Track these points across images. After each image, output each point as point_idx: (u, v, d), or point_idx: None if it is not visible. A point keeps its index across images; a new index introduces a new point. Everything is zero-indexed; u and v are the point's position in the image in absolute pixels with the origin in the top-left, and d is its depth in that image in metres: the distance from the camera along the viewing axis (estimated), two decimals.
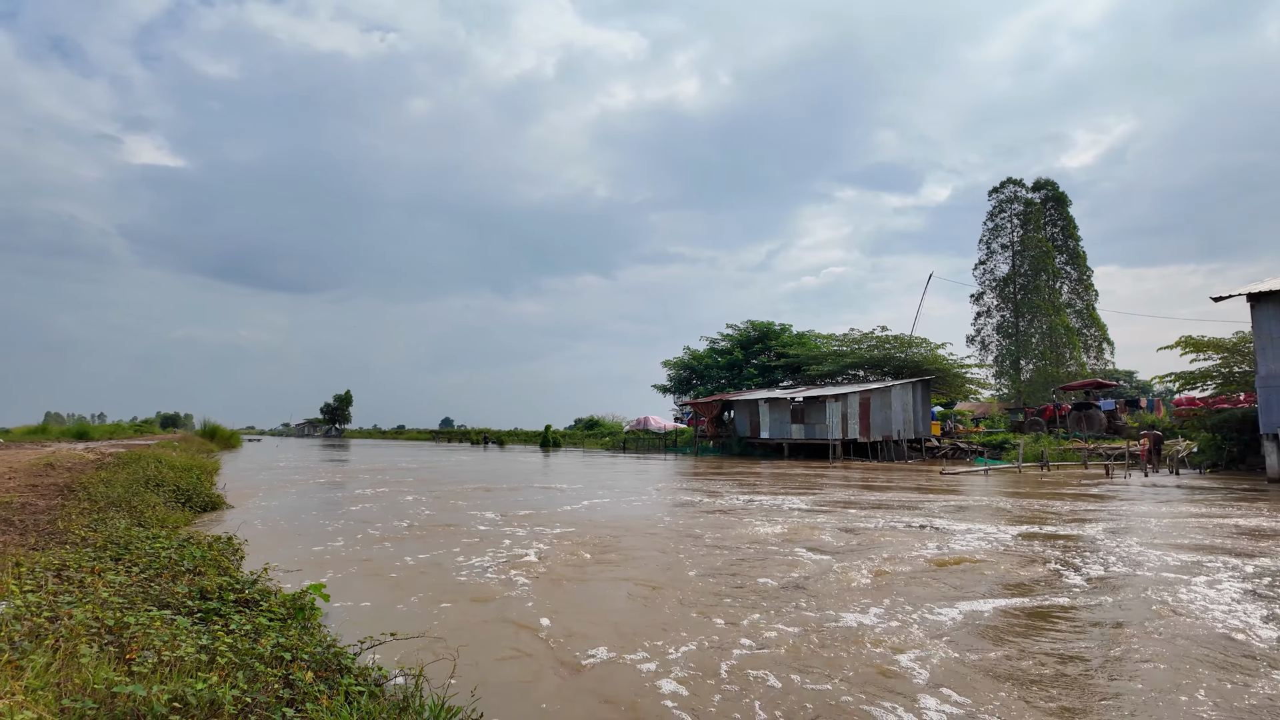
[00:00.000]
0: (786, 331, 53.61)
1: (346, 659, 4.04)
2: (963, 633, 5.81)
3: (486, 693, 4.29)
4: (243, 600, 5.08)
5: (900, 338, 45.80)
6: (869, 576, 7.88)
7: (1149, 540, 10.48)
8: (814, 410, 37.26)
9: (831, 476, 24.26)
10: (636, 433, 57.89)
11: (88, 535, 7.10)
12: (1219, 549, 9.73)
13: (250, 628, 4.24)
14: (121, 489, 11.70)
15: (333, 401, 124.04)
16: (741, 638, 5.66)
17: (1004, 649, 5.37)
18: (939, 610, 6.44)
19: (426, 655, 4.64)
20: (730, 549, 9.84)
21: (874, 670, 4.90)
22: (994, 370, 53.50)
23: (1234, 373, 28.27)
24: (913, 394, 39.20)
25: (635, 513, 14.20)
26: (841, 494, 17.95)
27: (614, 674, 4.93)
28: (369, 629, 4.88)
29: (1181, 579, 7.79)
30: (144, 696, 2.94)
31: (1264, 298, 21.01)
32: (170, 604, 4.68)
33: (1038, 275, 52.06)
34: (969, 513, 14.01)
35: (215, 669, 3.46)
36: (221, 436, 50.05)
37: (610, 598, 7.16)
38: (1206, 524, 12.16)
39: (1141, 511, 14.12)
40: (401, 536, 11.19)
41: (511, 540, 10.75)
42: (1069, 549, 9.76)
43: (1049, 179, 55.58)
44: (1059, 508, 14.67)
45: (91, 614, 3.95)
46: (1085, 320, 53.49)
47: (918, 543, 10.21)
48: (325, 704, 3.33)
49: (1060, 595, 7.08)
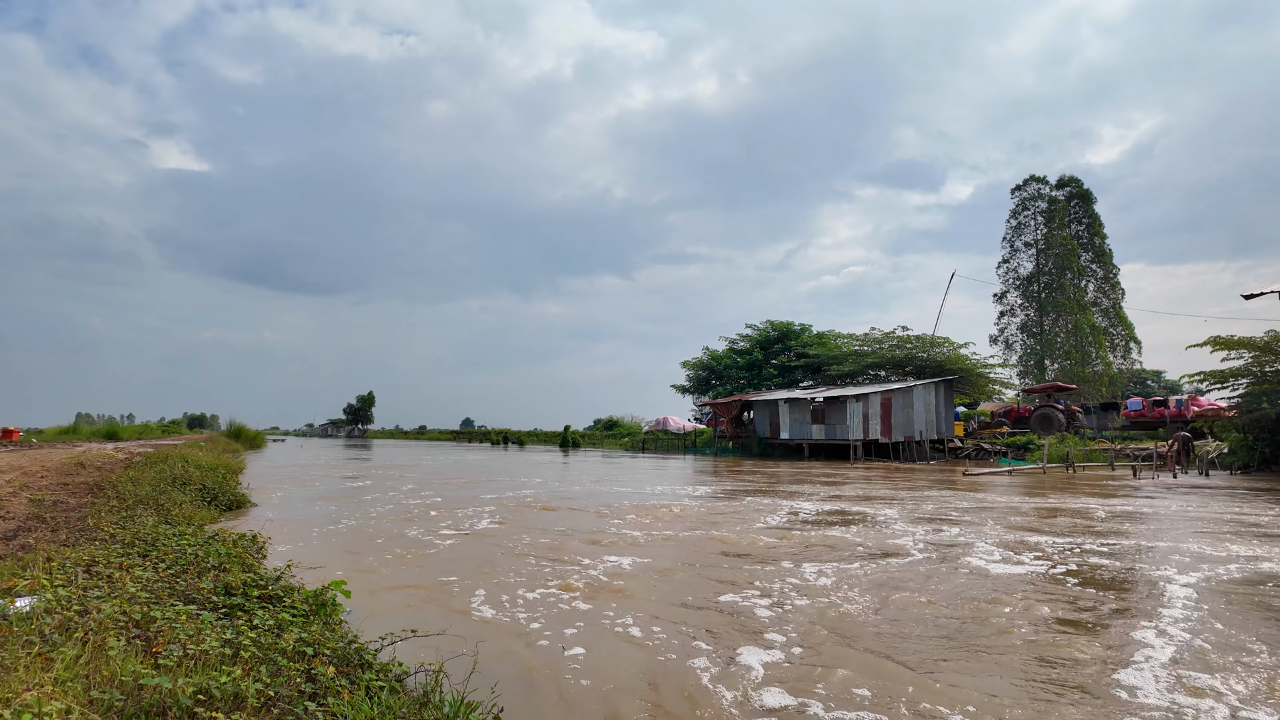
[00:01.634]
0: (806, 331, 53.30)
1: (368, 655, 4.08)
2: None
3: (505, 689, 4.31)
4: (266, 596, 5.14)
5: (922, 337, 45.36)
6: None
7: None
8: (834, 410, 37.02)
9: (852, 478, 24.08)
10: (655, 433, 57.89)
11: (116, 532, 7.22)
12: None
13: (273, 623, 4.29)
14: (149, 487, 11.91)
15: (355, 402, 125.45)
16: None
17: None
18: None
19: (447, 652, 4.66)
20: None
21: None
22: (1018, 370, 52.81)
23: (1266, 372, 27.65)
24: (935, 394, 38.80)
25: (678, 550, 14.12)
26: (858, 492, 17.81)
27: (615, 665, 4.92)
28: (390, 626, 4.92)
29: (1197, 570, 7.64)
30: (170, 689, 2.98)
31: None
32: (196, 599, 4.75)
33: (1062, 273, 51.30)
34: (991, 514, 13.83)
35: (239, 663, 3.50)
36: (247, 437, 50.78)
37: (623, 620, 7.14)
38: (1240, 521, 11.91)
39: (1173, 511, 13.87)
40: (421, 536, 11.28)
41: (534, 546, 10.79)
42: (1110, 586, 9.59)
43: (1073, 176, 54.85)
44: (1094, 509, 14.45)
45: (119, 608, 4.02)
46: (1112, 319, 52.64)
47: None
48: (347, 698, 3.36)
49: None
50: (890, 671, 4.99)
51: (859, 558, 9.25)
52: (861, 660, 5.22)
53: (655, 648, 5.57)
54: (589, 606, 6.76)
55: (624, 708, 4.41)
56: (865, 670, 5.01)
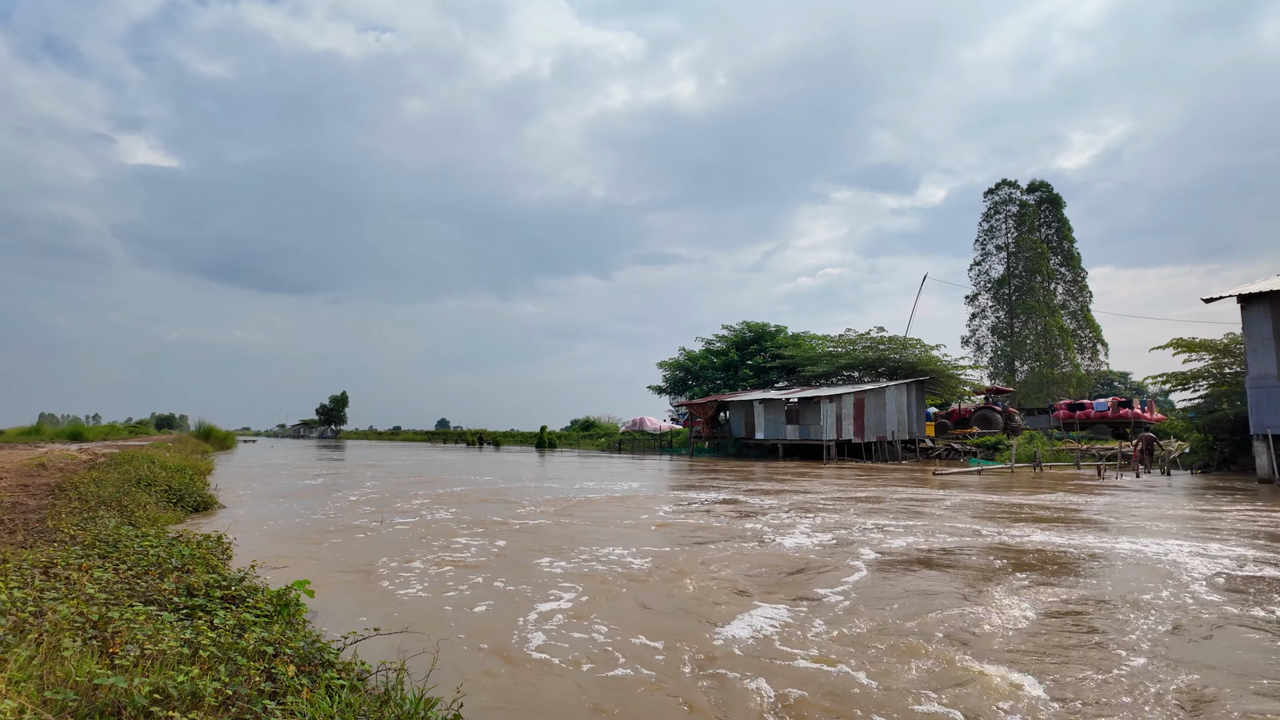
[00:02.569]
0: (782, 332, 53.73)
1: (330, 654, 4.08)
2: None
3: (468, 684, 4.34)
4: (229, 597, 5.11)
5: (895, 339, 45.95)
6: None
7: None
8: (809, 411, 37.36)
9: (825, 476, 24.34)
10: (632, 434, 57.94)
11: (77, 533, 7.11)
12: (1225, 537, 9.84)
13: (234, 623, 4.28)
14: (113, 488, 11.71)
15: (328, 403, 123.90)
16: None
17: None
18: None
19: (410, 649, 4.67)
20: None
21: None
22: (989, 371, 53.72)
23: (1225, 373, 28.42)
24: (907, 395, 39.33)
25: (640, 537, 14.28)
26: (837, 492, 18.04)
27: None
28: (354, 624, 4.92)
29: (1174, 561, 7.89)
30: (125, 688, 2.97)
31: (1254, 299, 21.16)
32: (156, 600, 4.71)
33: (1032, 277, 52.30)
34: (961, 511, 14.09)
35: (198, 662, 3.49)
36: (216, 437, 49.95)
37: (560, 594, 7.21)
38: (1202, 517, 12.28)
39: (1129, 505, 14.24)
40: (388, 534, 11.23)
41: (500, 537, 10.81)
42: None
43: (1043, 180, 56.01)
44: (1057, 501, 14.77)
45: (76, 609, 3.97)
46: (1080, 321, 53.77)
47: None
48: (306, 696, 3.36)
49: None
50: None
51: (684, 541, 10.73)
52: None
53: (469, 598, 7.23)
54: (452, 573, 8.40)
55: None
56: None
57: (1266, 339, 20.93)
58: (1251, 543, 10.23)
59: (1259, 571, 8.19)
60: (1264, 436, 20.73)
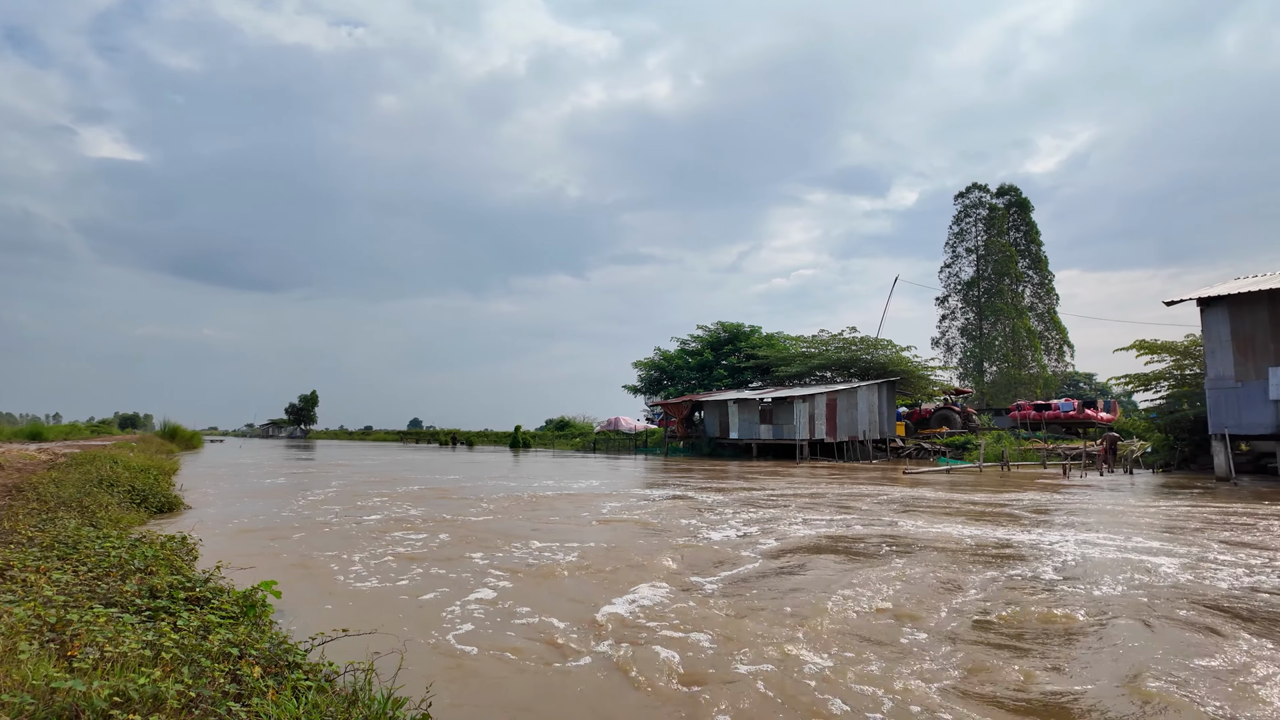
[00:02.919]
0: (756, 333, 54.06)
1: (297, 655, 4.03)
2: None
3: (436, 683, 4.31)
4: (194, 598, 5.03)
5: (867, 340, 46.44)
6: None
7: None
8: (782, 411, 37.61)
9: (798, 475, 24.54)
10: (607, 433, 57.85)
11: (35, 535, 6.93)
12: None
13: (199, 625, 4.21)
14: (73, 489, 11.42)
15: (298, 402, 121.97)
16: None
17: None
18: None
19: (380, 649, 4.63)
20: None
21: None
22: (958, 372, 54.53)
23: (1186, 375, 29.13)
24: (878, 395, 39.78)
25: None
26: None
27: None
28: (322, 625, 4.86)
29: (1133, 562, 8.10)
30: (84, 691, 2.91)
31: (1212, 302, 21.74)
32: (118, 602, 4.61)
33: (1001, 279, 53.19)
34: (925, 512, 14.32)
35: (160, 665, 3.43)
36: (182, 437, 49.01)
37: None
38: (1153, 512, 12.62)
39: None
40: (357, 534, 11.11)
41: (461, 536, 10.76)
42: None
43: (1012, 185, 56.91)
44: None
45: (33, 612, 3.89)
46: (1047, 323, 54.78)
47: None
48: (272, 698, 3.32)
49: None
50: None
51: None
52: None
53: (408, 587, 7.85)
54: (396, 565, 8.98)
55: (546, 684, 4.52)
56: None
57: (1224, 341, 21.52)
58: (1130, 535, 10.93)
59: (1122, 556, 8.43)
60: (1222, 436, 21.29)
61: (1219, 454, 21.34)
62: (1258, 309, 21.01)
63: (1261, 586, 7.38)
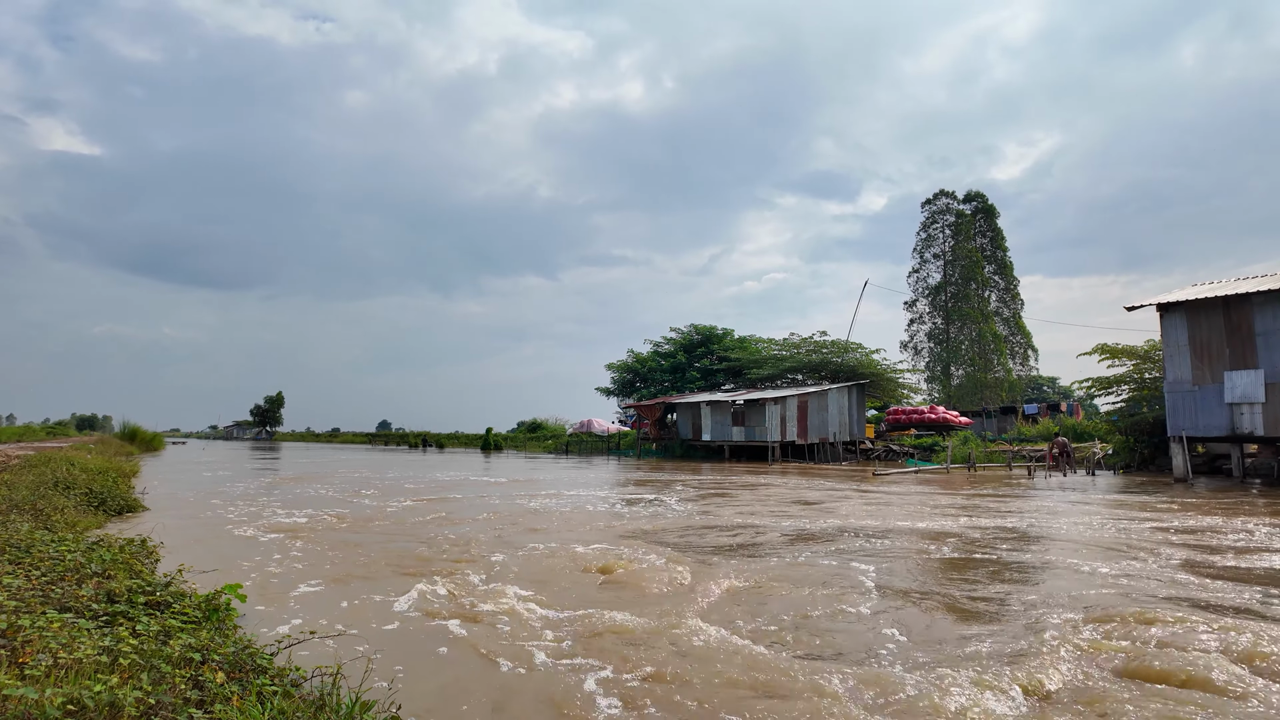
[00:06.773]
0: (728, 335, 54.32)
1: (262, 659, 3.93)
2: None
3: (404, 686, 4.23)
4: (154, 603, 4.87)
5: (837, 343, 46.91)
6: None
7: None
8: (754, 413, 37.84)
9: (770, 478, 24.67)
10: (579, 435, 57.65)
11: None
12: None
13: (159, 629, 4.07)
14: (26, 491, 11.04)
15: (263, 403, 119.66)
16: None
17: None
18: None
19: (349, 652, 4.53)
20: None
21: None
22: (926, 375, 55.32)
23: (1145, 378, 29.87)
24: (848, 398, 40.21)
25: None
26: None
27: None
28: (289, 628, 4.74)
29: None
30: (35, 699, 2.79)
31: (1171, 308, 22.33)
32: (73, 608, 4.45)
33: (968, 284, 54.08)
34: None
35: (117, 671, 3.31)
36: (143, 439, 47.72)
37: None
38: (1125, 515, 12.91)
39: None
40: (323, 538, 10.91)
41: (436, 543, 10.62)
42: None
43: (979, 191, 57.88)
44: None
45: None
46: (1012, 328, 55.79)
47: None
48: (236, 704, 3.22)
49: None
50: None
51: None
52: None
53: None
54: (333, 553, 9.63)
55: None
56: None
57: (1182, 346, 22.11)
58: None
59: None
60: (1179, 438, 21.86)
61: (1176, 455, 21.90)
62: (1214, 315, 21.62)
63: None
